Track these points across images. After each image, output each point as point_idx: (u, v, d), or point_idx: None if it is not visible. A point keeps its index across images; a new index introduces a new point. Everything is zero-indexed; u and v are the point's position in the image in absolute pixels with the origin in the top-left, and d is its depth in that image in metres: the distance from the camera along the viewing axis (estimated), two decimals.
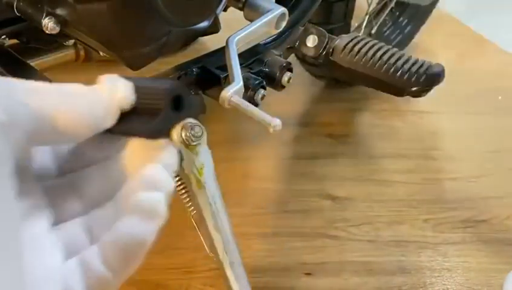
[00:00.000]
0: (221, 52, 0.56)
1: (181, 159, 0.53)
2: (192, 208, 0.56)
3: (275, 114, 0.41)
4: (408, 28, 1.26)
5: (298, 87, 1.13)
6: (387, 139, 1.01)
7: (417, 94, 0.54)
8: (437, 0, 1.23)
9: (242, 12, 0.57)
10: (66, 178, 0.25)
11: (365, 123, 1.09)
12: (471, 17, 1.65)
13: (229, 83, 0.45)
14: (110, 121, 0.24)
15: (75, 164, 0.26)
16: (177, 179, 0.55)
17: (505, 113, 1.10)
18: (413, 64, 0.53)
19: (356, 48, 0.55)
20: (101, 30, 0.44)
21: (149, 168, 0.24)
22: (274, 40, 0.63)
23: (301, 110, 1.11)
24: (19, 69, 0.55)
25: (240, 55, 0.49)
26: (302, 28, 0.61)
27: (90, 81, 0.25)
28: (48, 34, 0.44)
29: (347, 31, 1.07)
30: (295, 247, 0.74)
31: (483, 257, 0.73)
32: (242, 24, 0.53)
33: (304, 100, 1.13)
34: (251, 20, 0.54)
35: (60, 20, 0.44)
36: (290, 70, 0.56)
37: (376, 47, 0.55)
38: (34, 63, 0.60)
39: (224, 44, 0.51)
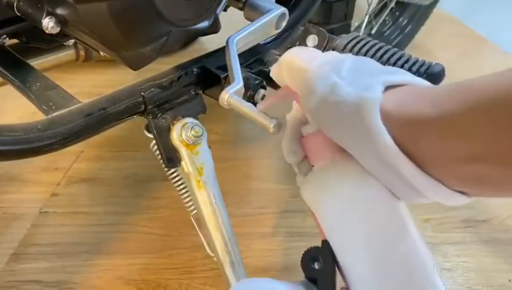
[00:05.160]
0: (221, 52, 0.56)
1: (181, 159, 0.54)
2: (192, 208, 0.56)
3: (275, 114, 0.41)
4: (408, 28, 1.26)
5: None
6: None
7: None
8: (437, 0, 1.23)
9: (242, 12, 0.57)
10: None
11: None
12: (471, 16, 1.65)
13: (229, 83, 0.45)
14: None
15: None
16: (177, 179, 0.55)
17: None
18: (413, 64, 0.53)
19: (356, 48, 0.55)
20: (102, 30, 0.44)
21: None
22: (274, 40, 0.63)
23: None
24: (19, 69, 0.55)
25: (240, 55, 0.49)
26: (303, 27, 0.61)
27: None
28: (48, 33, 0.44)
29: (347, 31, 1.07)
30: (295, 247, 0.74)
31: (484, 257, 0.73)
32: (242, 24, 0.53)
33: None
34: (251, 20, 0.54)
35: (60, 20, 0.44)
36: None
37: (376, 47, 0.55)
38: (34, 63, 0.60)
39: (224, 44, 0.51)
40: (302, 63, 0.37)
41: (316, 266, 0.33)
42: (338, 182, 0.35)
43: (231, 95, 0.43)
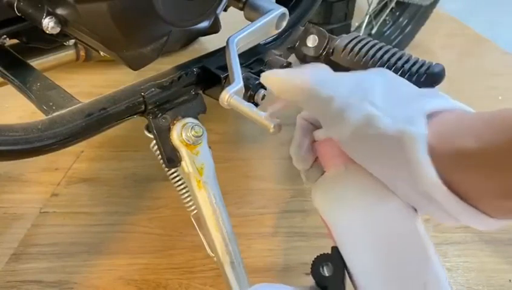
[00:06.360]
0: (222, 52, 0.56)
1: (181, 159, 0.54)
2: (192, 208, 0.56)
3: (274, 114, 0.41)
4: (409, 28, 1.26)
5: None
6: None
7: None
8: (437, 0, 1.23)
9: (242, 12, 0.57)
10: None
11: None
12: (471, 16, 1.65)
13: (229, 83, 0.45)
14: None
15: None
16: (177, 179, 0.55)
17: None
18: (414, 64, 0.53)
19: (357, 48, 0.55)
20: (102, 30, 0.44)
21: None
22: (274, 40, 0.63)
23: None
24: (19, 69, 0.55)
25: (240, 55, 0.49)
26: (303, 28, 0.61)
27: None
28: (48, 34, 0.44)
29: (348, 31, 1.07)
30: (295, 247, 0.74)
31: (484, 257, 0.73)
32: (242, 24, 0.53)
33: None
34: (251, 20, 0.54)
35: (60, 20, 0.44)
36: None
37: (376, 47, 0.55)
38: (34, 63, 0.60)
39: (224, 44, 0.51)
40: (322, 89, 0.35)
41: (326, 272, 0.34)
42: (352, 192, 0.35)
43: (231, 95, 0.43)
